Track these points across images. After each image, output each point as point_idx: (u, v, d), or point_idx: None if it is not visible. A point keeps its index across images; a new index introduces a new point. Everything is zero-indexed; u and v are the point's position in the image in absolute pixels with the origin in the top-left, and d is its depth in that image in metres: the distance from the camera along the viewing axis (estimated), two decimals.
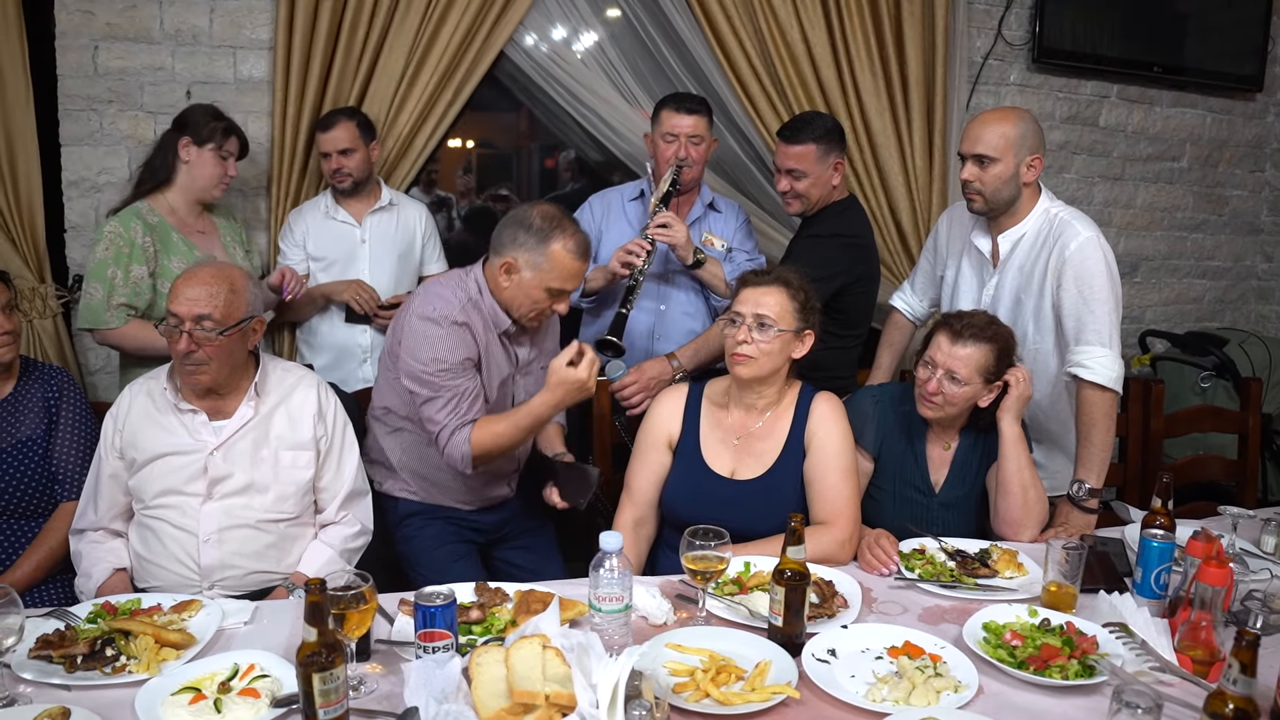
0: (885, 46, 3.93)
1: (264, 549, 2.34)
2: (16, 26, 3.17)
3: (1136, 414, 3.24)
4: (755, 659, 1.84)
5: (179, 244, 3.01)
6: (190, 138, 3.00)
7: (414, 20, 3.47)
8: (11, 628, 1.69)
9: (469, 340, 2.48)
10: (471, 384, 2.49)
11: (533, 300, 2.50)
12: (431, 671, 1.65)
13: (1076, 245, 2.62)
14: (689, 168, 3.14)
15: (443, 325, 2.45)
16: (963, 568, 2.30)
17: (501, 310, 2.54)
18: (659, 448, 2.52)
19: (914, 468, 2.60)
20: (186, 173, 3.03)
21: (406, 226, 3.47)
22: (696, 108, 3.15)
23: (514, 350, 2.64)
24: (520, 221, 2.49)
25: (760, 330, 2.36)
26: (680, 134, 3.12)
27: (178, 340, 2.22)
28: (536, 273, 2.46)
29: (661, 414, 2.55)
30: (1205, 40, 4.63)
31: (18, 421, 2.57)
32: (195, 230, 3.08)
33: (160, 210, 3.01)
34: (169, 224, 3.01)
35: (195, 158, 3.01)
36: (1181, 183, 4.88)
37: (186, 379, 2.29)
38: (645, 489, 2.52)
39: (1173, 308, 5.06)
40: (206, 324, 2.23)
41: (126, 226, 2.91)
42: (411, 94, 3.55)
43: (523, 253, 2.46)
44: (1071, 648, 1.86)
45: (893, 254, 4.08)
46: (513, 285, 2.50)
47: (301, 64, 3.38)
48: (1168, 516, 2.16)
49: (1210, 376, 4.32)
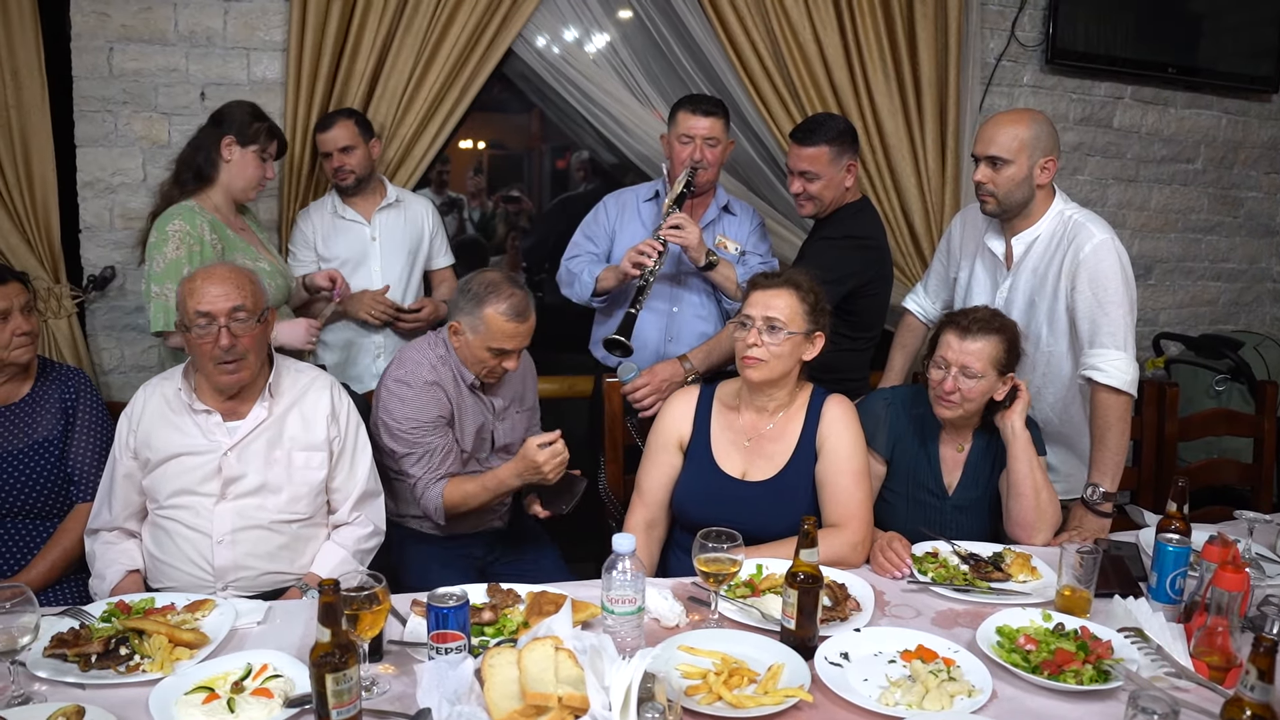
0: (898, 48, 3.92)
1: (277, 550, 2.34)
2: (33, 28, 3.19)
3: (1151, 417, 3.23)
4: (768, 662, 1.84)
5: (236, 240, 2.96)
6: (234, 137, 2.93)
7: (422, 21, 3.47)
8: (27, 626, 1.70)
9: (441, 398, 2.63)
10: (443, 441, 2.63)
11: (479, 359, 2.63)
12: (444, 673, 1.65)
13: (1091, 247, 2.61)
14: (704, 170, 3.13)
15: (414, 386, 2.61)
16: (976, 571, 2.29)
17: (464, 366, 2.68)
18: (669, 449, 2.52)
19: (927, 470, 2.60)
20: (227, 172, 2.95)
21: (414, 222, 3.48)
22: (714, 110, 3.14)
23: (488, 400, 2.77)
24: (463, 288, 2.65)
25: (770, 333, 2.36)
26: (696, 136, 3.11)
27: (215, 338, 2.24)
28: (477, 335, 2.60)
29: (672, 415, 2.55)
30: (1220, 41, 4.60)
31: (35, 422, 2.58)
32: (238, 228, 3.03)
33: (208, 209, 2.93)
34: (220, 221, 2.95)
35: (238, 158, 2.94)
36: (1196, 184, 4.85)
37: (224, 378, 2.29)
38: (656, 490, 2.52)
39: (1187, 310, 5.03)
40: (241, 314, 2.27)
41: (193, 224, 2.83)
42: (418, 95, 3.55)
43: (464, 317, 2.61)
44: (1086, 653, 1.85)
45: (905, 256, 4.07)
46: (461, 345, 2.65)
47: (312, 65, 3.39)
48: (1183, 521, 2.15)
49: (1225, 380, 4.29)
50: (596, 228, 3.33)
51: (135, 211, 3.45)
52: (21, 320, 2.52)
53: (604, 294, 3.18)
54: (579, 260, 3.27)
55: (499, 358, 2.62)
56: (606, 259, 3.27)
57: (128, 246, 3.46)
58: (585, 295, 3.19)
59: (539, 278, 4.33)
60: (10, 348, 2.51)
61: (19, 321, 2.51)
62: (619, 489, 2.97)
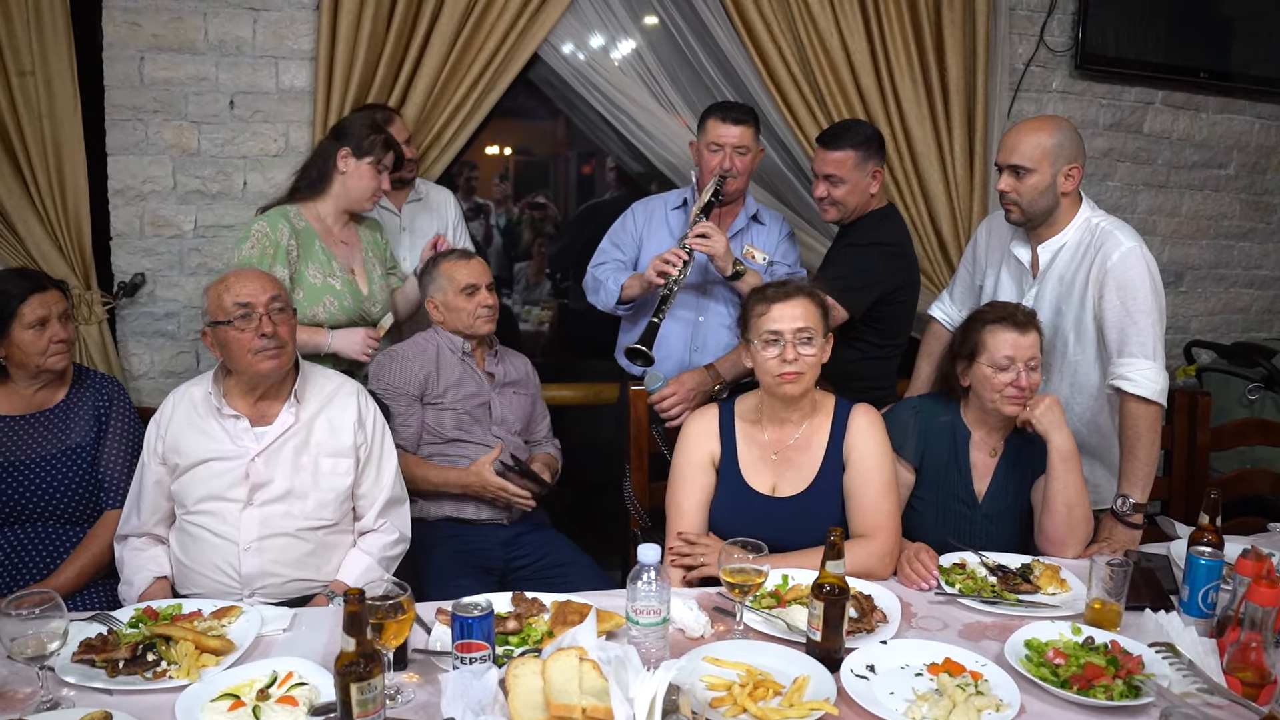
0: (925, 54, 3.90)
1: (303, 557, 2.35)
2: (66, 38, 3.23)
3: (1182, 427, 3.19)
4: (793, 674, 1.83)
5: (319, 252, 2.95)
6: (350, 149, 2.95)
7: (450, 25, 3.47)
8: (56, 632, 1.71)
9: (412, 370, 2.92)
10: (408, 411, 2.91)
11: (462, 309, 2.96)
12: (468, 682, 1.66)
13: (1119, 256, 2.59)
14: (733, 178, 3.11)
15: (395, 358, 2.95)
16: (1004, 583, 2.27)
17: (454, 335, 2.99)
18: (704, 467, 2.47)
19: (957, 478, 2.57)
20: (342, 183, 2.98)
21: (438, 211, 3.55)
22: (743, 118, 3.12)
23: (484, 370, 3.02)
24: (419, 278, 3.11)
25: (806, 344, 2.34)
26: (726, 144, 3.09)
27: (256, 326, 2.29)
28: (446, 292, 2.97)
29: (698, 434, 2.50)
30: (1253, 45, 4.54)
31: (68, 428, 2.61)
32: (339, 240, 3.04)
33: (308, 216, 2.97)
34: (314, 230, 2.97)
35: (353, 169, 2.96)
36: (1228, 190, 4.79)
37: (266, 364, 2.31)
38: (695, 510, 2.44)
39: (1219, 318, 4.97)
40: (278, 303, 2.34)
41: (274, 227, 2.86)
42: (443, 99, 3.56)
43: (429, 288, 3.01)
44: (1116, 667, 1.83)
45: (933, 263, 4.05)
46: (443, 310, 2.99)
47: (344, 74, 3.40)
48: (1215, 533, 2.12)
49: (1258, 388, 4.23)
50: (624, 235, 3.33)
51: (165, 219, 3.49)
52: (59, 328, 2.56)
53: (629, 301, 3.17)
54: (605, 268, 3.27)
55: (473, 296, 2.95)
56: (634, 266, 3.27)
57: (157, 253, 3.50)
58: (610, 303, 3.19)
59: (565, 284, 4.33)
60: (47, 354, 2.54)
61: (56, 329, 2.55)
62: (644, 496, 2.96)
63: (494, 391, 3.01)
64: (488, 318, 2.98)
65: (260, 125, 3.54)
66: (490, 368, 3.05)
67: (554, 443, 3.23)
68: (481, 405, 2.97)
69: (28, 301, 2.52)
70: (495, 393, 3.01)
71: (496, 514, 2.92)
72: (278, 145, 3.56)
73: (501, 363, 3.09)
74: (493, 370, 3.04)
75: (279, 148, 3.56)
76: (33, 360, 2.54)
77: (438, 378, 2.94)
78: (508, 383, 3.07)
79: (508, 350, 3.19)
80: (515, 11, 3.53)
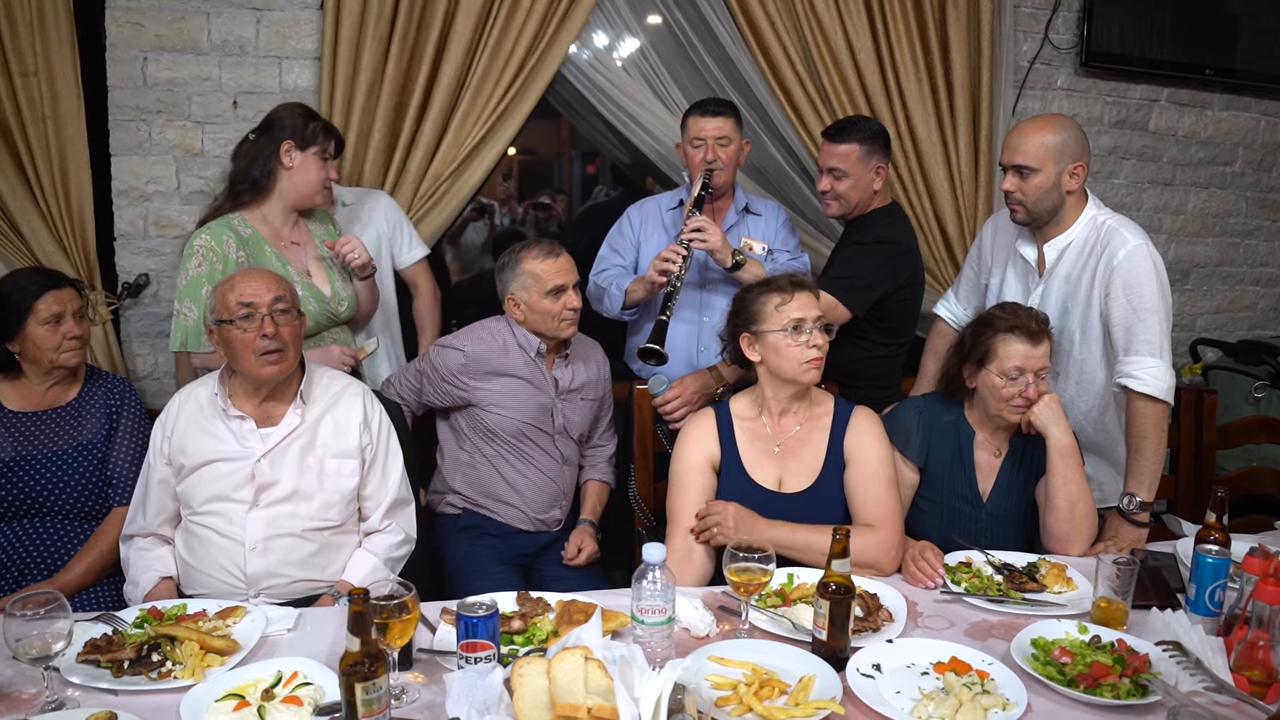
0: (930, 51, 3.89)
1: (309, 557, 2.35)
2: (69, 39, 3.23)
3: (1188, 425, 3.17)
4: (799, 673, 1.83)
5: (271, 258, 2.76)
6: (293, 141, 2.76)
7: (467, 27, 3.44)
8: (60, 632, 1.72)
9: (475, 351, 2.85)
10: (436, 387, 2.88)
11: (546, 311, 2.82)
12: (473, 682, 1.65)
13: (1125, 254, 2.58)
14: (720, 170, 3.12)
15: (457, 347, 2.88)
16: (1010, 582, 2.26)
17: (532, 335, 2.86)
18: (701, 470, 2.45)
19: (961, 478, 2.57)
20: (288, 179, 2.79)
21: (369, 222, 3.27)
22: (722, 109, 3.15)
23: (551, 375, 2.91)
24: (498, 268, 2.92)
25: (826, 331, 2.40)
26: (707, 137, 3.11)
27: (259, 327, 2.26)
28: (530, 290, 2.81)
29: (696, 439, 2.48)
30: (1259, 42, 4.52)
31: (79, 426, 2.64)
32: (289, 242, 2.86)
33: (253, 221, 2.79)
34: (262, 236, 2.79)
35: (299, 163, 2.78)
36: (1234, 187, 4.78)
37: (267, 369, 2.30)
38: (690, 516, 2.42)
39: (1225, 315, 4.96)
40: (282, 305, 2.31)
41: (219, 240, 2.69)
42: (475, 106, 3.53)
43: (511, 284, 2.85)
44: (1123, 666, 1.82)
45: (937, 261, 4.04)
46: (525, 310, 2.84)
47: (348, 74, 3.39)
48: (1222, 531, 2.11)
49: (1264, 386, 4.21)
50: (621, 240, 3.34)
51: (169, 219, 3.49)
52: (73, 325, 2.59)
53: (634, 306, 3.18)
54: (607, 275, 3.27)
55: (560, 297, 2.80)
56: (634, 270, 3.27)
57: (161, 254, 3.50)
58: (616, 309, 3.18)
59: None
60: (61, 350, 2.58)
61: (70, 326, 2.58)
62: (649, 495, 2.96)
63: (559, 399, 2.92)
64: (573, 320, 2.85)
65: None
66: (558, 372, 2.93)
67: (613, 441, 3.18)
68: (545, 411, 2.90)
69: (43, 298, 2.55)
70: (560, 400, 2.92)
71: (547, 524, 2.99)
72: None
73: (572, 364, 2.96)
74: (561, 375, 2.93)
75: None
76: (46, 356, 2.57)
77: (501, 368, 2.84)
78: (574, 388, 2.96)
79: (581, 341, 3.03)
80: (545, 13, 3.50)
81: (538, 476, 2.92)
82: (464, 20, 3.44)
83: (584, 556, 2.90)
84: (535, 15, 3.49)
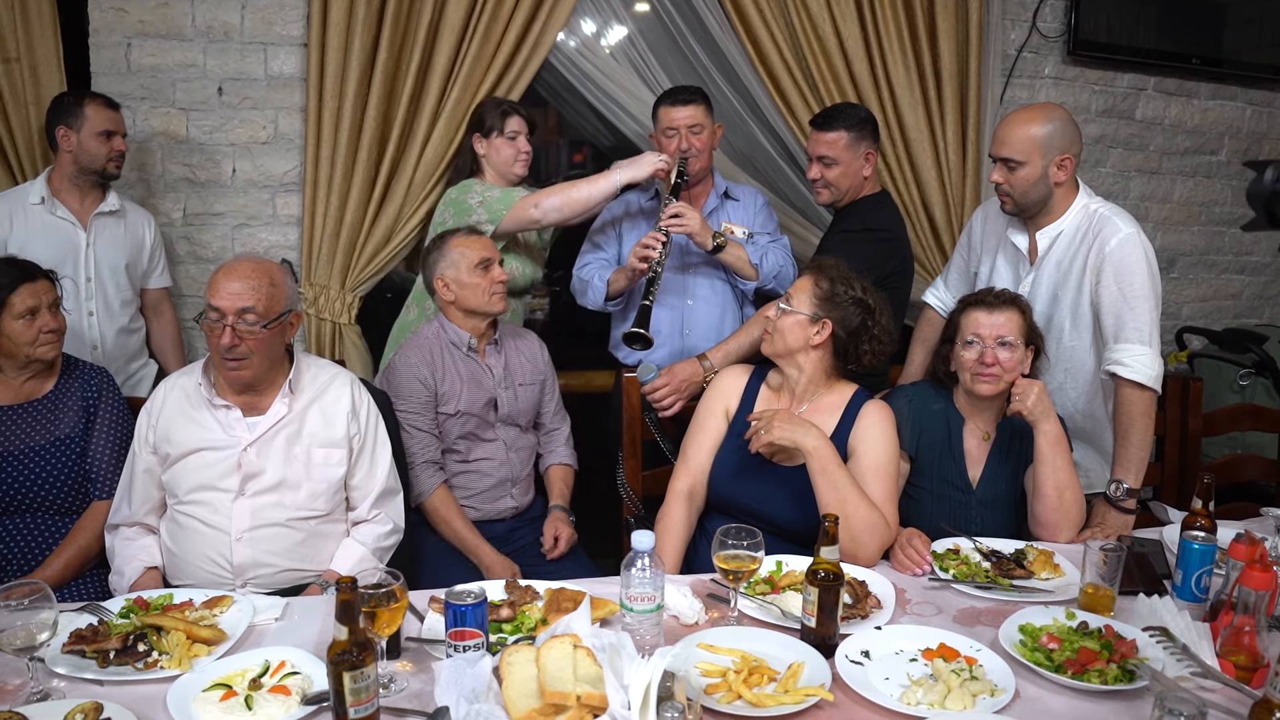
0: (918, 40, 3.89)
1: (295, 546, 2.34)
2: (51, 24, 3.20)
3: (1174, 413, 3.19)
4: (788, 660, 1.83)
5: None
6: (479, 134, 3.26)
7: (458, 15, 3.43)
8: (45, 623, 1.70)
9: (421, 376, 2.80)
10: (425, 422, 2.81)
11: (475, 286, 2.80)
12: (462, 670, 1.65)
13: (1117, 241, 2.58)
14: (694, 157, 3.15)
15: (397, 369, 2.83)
16: (998, 569, 2.27)
17: (459, 328, 2.86)
18: (717, 415, 2.57)
19: (951, 464, 2.58)
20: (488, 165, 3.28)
21: (135, 234, 3.27)
22: (692, 97, 3.17)
23: (486, 364, 2.90)
24: (423, 260, 2.95)
25: (780, 314, 2.48)
26: (680, 127, 3.13)
27: (220, 334, 2.23)
28: (457, 267, 2.81)
29: (723, 386, 2.61)
30: (1244, 31, 4.54)
31: (57, 419, 2.59)
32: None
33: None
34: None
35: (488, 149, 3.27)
36: (1220, 176, 4.80)
37: (227, 374, 2.29)
38: (700, 456, 2.54)
39: (1210, 304, 4.98)
40: (249, 317, 2.24)
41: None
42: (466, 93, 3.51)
43: (439, 266, 2.83)
44: (1110, 652, 1.83)
45: (925, 249, 4.04)
46: (456, 288, 2.82)
47: (339, 59, 3.36)
48: (1209, 518, 2.12)
49: (1249, 374, 4.24)
50: (602, 234, 3.34)
51: (153, 206, 3.46)
52: (49, 317, 2.53)
53: (617, 296, 3.20)
54: (589, 268, 3.29)
55: (489, 270, 2.82)
56: (617, 262, 3.28)
57: None
58: (599, 300, 3.21)
59: (557, 274, 4.31)
60: (37, 344, 2.51)
61: (46, 318, 2.52)
62: (637, 484, 2.96)
63: (499, 388, 2.91)
64: (502, 294, 2.87)
65: (249, 112, 3.51)
66: (491, 359, 2.93)
67: (566, 423, 3.15)
68: (488, 403, 2.89)
69: (17, 291, 2.48)
70: (501, 389, 2.92)
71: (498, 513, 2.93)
72: (267, 132, 3.54)
73: (504, 351, 2.97)
74: (494, 363, 2.93)
75: (268, 135, 3.54)
76: (22, 350, 2.51)
77: (443, 378, 2.84)
78: (513, 375, 2.96)
79: (509, 329, 3.07)
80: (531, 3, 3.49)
81: (483, 464, 2.90)
82: (454, 7, 3.43)
83: (563, 544, 2.87)
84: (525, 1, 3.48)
